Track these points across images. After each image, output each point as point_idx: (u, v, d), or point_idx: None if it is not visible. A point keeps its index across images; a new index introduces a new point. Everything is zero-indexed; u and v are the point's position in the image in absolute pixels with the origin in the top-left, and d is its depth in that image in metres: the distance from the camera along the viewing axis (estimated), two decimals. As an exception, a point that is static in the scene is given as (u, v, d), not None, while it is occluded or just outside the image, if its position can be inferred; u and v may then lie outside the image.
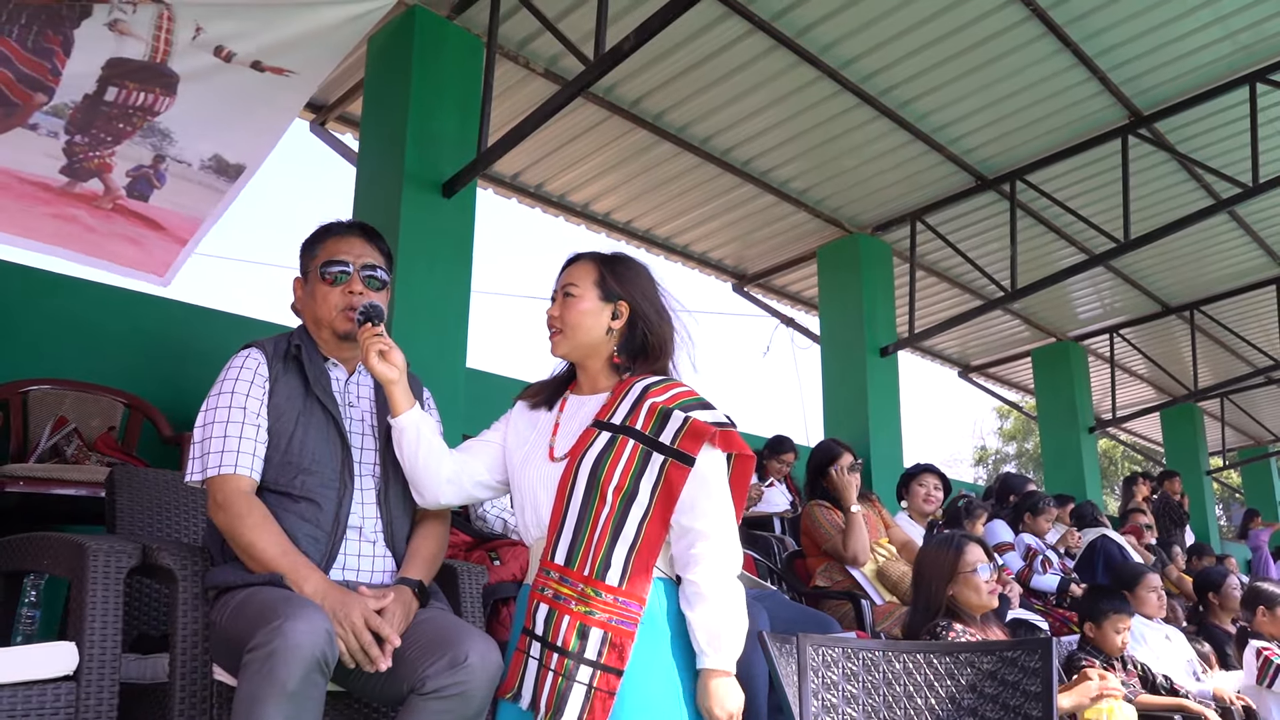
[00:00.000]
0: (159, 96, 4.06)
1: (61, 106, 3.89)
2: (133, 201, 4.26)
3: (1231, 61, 6.37)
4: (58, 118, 3.89)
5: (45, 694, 1.88)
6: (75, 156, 4.05)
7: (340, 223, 2.37)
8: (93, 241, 4.25)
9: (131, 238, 4.34)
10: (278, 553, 1.99)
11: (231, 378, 2.16)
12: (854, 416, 7.96)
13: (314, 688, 1.77)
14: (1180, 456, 13.01)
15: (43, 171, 4.01)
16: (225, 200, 4.46)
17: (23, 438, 3.81)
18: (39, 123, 3.89)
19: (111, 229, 4.28)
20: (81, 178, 4.11)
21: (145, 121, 4.11)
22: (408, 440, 2.14)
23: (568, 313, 2.06)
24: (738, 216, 8.21)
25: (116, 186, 4.21)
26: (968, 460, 31.47)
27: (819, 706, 2.05)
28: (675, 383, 2.04)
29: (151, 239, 4.39)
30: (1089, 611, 3.96)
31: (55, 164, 4.02)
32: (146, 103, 4.05)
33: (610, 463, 1.92)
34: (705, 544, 1.89)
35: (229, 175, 4.42)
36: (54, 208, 4.10)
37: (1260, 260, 9.49)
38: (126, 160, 4.17)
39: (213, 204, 4.44)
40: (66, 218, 4.14)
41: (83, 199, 4.16)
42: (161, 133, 4.18)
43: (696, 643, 1.88)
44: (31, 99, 3.78)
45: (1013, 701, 1.97)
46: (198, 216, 4.43)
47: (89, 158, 4.07)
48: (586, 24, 5.14)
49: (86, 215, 4.20)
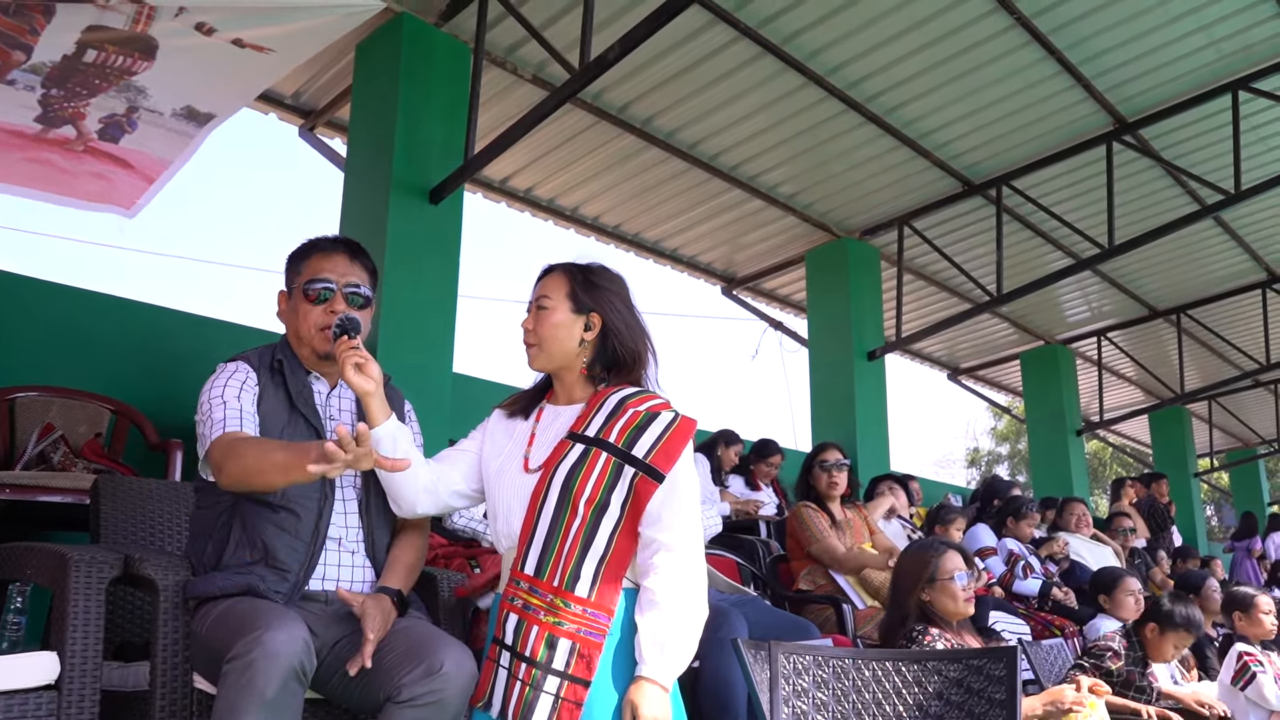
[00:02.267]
0: (137, 60, 4.09)
1: (40, 65, 3.94)
2: (104, 144, 4.34)
3: (1215, 69, 6.43)
4: (35, 74, 3.95)
5: (27, 702, 1.92)
6: (50, 107, 4.12)
7: (326, 239, 2.38)
8: (63, 181, 4.36)
9: (99, 174, 4.43)
10: (279, 447, 1.99)
11: (221, 383, 2.18)
12: (841, 420, 8.01)
13: (292, 696, 1.81)
14: (1169, 459, 13.09)
15: (17, 120, 4.09)
16: (194, 144, 4.52)
17: (9, 444, 3.82)
18: (16, 79, 3.96)
19: (81, 168, 4.36)
20: (55, 125, 4.20)
21: (122, 80, 4.16)
22: (384, 451, 2.16)
23: (540, 326, 2.08)
24: (726, 221, 8.25)
25: (89, 131, 4.29)
26: (961, 462, 31.56)
27: (791, 713, 2.09)
28: (649, 394, 2.06)
29: (120, 175, 4.47)
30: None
31: (30, 113, 4.09)
32: (125, 65, 4.09)
33: (583, 475, 1.94)
34: (667, 555, 1.90)
35: (199, 121, 4.46)
36: (28, 153, 4.20)
37: (1246, 265, 9.56)
38: (100, 110, 4.24)
39: (182, 147, 4.50)
40: (40, 160, 4.24)
41: (56, 143, 4.25)
42: (136, 89, 4.23)
43: (639, 649, 1.85)
44: (10, 56, 3.82)
45: (978, 709, 2.01)
46: (165, 158, 4.50)
47: (63, 108, 4.13)
48: (573, 31, 5.16)
49: (59, 158, 4.30)
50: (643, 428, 1.96)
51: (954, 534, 4.92)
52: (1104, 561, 6.14)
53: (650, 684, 1.83)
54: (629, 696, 1.84)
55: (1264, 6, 5.84)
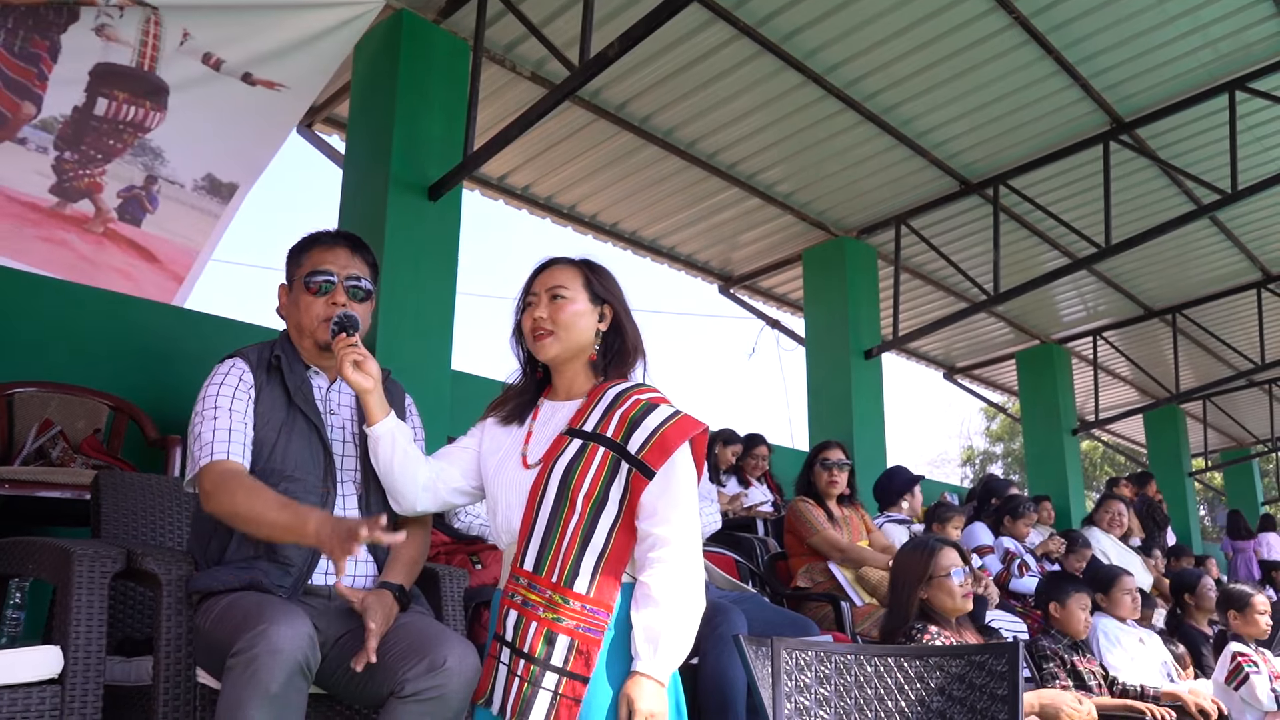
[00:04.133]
0: (149, 111, 4.02)
1: (51, 121, 3.86)
2: (124, 226, 4.21)
3: (1211, 70, 6.45)
4: (47, 132, 3.85)
5: (30, 697, 1.91)
6: (65, 174, 3.99)
7: (327, 232, 2.39)
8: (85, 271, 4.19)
9: (123, 270, 4.26)
10: (276, 506, 1.99)
11: (217, 383, 2.19)
12: (838, 418, 8.02)
13: (296, 692, 1.81)
14: (1163, 458, 13.13)
15: (32, 190, 3.95)
16: (219, 226, 4.42)
17: (8, 440, 3.82)
18: (28, 137, 3.86)
19: (104, 259, 4.21)
20: (71, 198, 4.06)
21: (136, 138, 4.07)
22: (383, 449, 2.16)
23: (560, 314, 2.07)
24: (724, 219, 8.26)
25: (108, 208, 4.16)
26: (955, 460, 31.62)
27: (792, 709, 2.09)
28: (647, 388, 2.06)
29: (144, 271, 4.32)
30: (1052, 593, 4.07)
31: (45, 182, 3.97)
32: (137, 118, 4.01)
33: (581, 470, 1.94)
34: (664, 549, 1.89)
35: (222, 196, 4.38)
36: (43, 229, 4.05)
37: (1241, 265, 9.59)
38: (117, 180, 4.12)
39: (206, 231, 4.39)
40: (56, 240, 4.09)
41: (73, 221, 4.10)
42: (153, 151, 4.14)
43: (635, 644, 1.85)
44: (20, 109, 3.75)
45: (980, 704, 2.01)
46: (192, 247, 4.38)
47: (79, 176, 4.02)
48: (572, 29, 5.17)
49: (77, 240, 4.14)
50: (638, 421, 1.95)
51: (952, 532, 4.93)
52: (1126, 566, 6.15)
53: (646, 679, 1.83)
54: (625, 691, 1.83)
55: (1261, 7, 5.86)
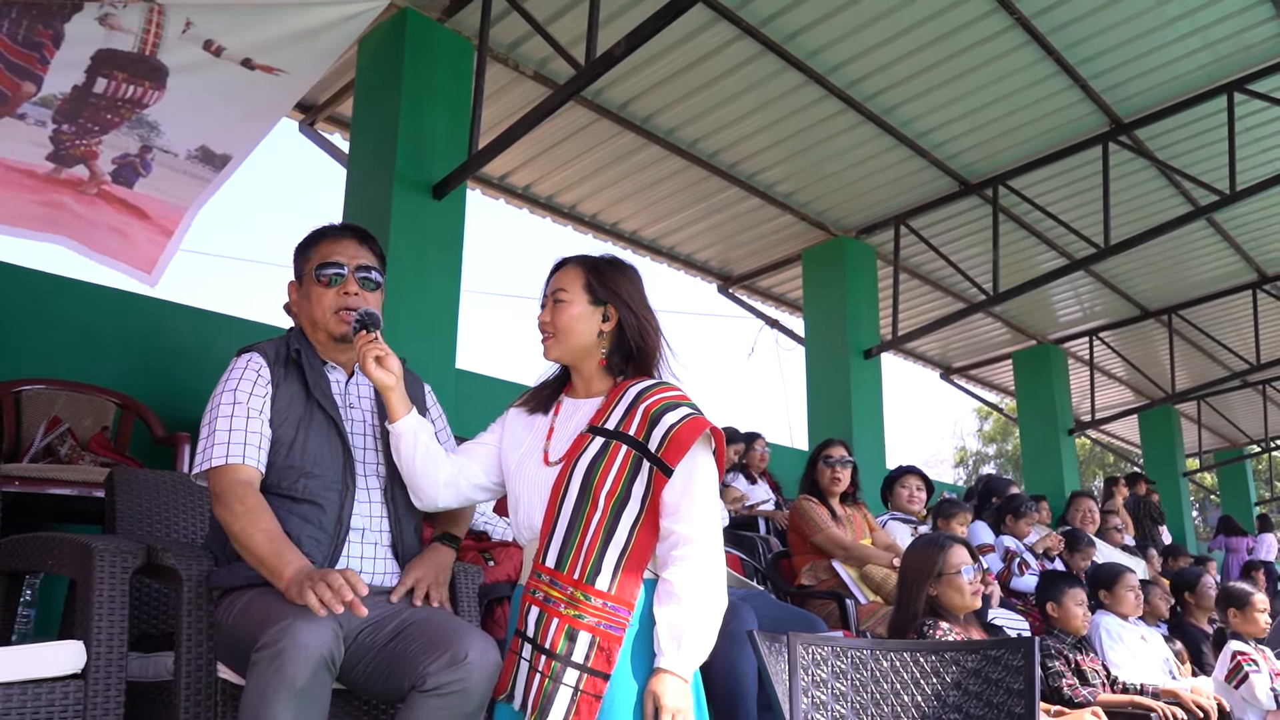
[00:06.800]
0: (148, 89, 4.04)
1: (50, 97, 3.87)
2: (118, 187, 4.24)
3: (1210, 71, 6.49)
4: (45, 108, 3.87)
5: (54, 691, 1.92)
6: (62, 144, 4.03)
7: (334, 226, 2.40)
8: (80, 229, 4.24)
9: (116, 227, 4.31)
10: (263, 539, 1.99)
11: (235, 378, 2.19)
12: (838, 418, 8.04)
13: (322, 686, 1.81)
14: (1157, 458, 13.19)
15: (29, 159, 4.00)
16: (210, 188, 4.44)
17: (16, 438, 3.82)
18: (27, 112, 3.88)
19: (97, 217, 4.26)
20: (67, 164, 4.10)
21: (134, 113, 4.09)
22: (405, 445, 2.17)
23: (558, 317, 2.08)
24: (724, 219, 8.28)
25: (102, 173, 4.19)
26: (949, 461, 31.70)
27: (809, 703, 2.11)
28: (667, 386, 2.06)
29: (136, 228, 4.37)
30: (1049, 593, 4.12)
31: (41, 151, 4.01)
32: (135, 95, 4.03)
33: (603, 468, 1.95)
34: (687, 547, 1.90)
35: (215, 165, 4.40)
36: (40, 194, 4.09)
37: (1237, 266, 9.64)
38: (113, 149, 4.15)
39: (197, 192, 4.43)
40: (53, 204, 4.13)
41: (68, 184, 4.14)
42: (149, 124, 4.16)
43: (658, 641, 1.86)
44: (20, 88, 3.76)
45: (996, 698, 2.03)
46: (181, 205, 4.42)
47: (75, 145, 4.06)
48: (577, 28, 5.18)
49: (72, 201, 4.18)
50: (657, 419, 1.96)
51: (957, 529, 4.95)
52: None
53: (670, 675, 1.83)
54: (650, 688, 1.84)
55: (1260, 9, 5.90)
